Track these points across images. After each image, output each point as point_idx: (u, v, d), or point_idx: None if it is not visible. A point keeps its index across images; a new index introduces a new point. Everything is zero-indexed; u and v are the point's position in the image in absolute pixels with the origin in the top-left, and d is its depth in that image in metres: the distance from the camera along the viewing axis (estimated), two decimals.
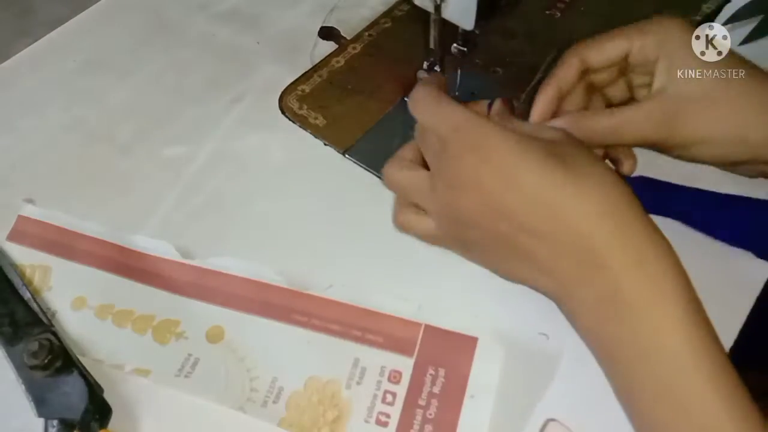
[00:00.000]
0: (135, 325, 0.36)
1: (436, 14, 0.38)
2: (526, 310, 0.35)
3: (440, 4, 0.37)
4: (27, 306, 0.35)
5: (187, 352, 0.35)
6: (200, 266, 0.37)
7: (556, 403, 0.33)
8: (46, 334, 0.34)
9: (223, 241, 0.39)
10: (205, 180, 0.42)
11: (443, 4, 0.37)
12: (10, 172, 0.43)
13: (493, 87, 0.47)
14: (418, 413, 0.33)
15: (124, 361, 0.34)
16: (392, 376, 0.34)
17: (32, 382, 0.32)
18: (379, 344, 0.35)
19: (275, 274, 0.37)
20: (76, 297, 0.37)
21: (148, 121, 0.45)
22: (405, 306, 0.36)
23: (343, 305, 0.36)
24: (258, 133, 0.44)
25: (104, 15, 0.52)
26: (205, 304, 0.36)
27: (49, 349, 0.33)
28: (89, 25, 0.51)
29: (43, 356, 0.32)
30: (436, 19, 0.38)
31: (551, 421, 0.32)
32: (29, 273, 0.37)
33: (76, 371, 0.33)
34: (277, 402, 0.33)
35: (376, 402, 0.33)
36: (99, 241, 0.39)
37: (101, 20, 0.51)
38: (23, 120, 0.45)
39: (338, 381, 0.34)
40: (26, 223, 0.39)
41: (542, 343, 0.35)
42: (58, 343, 0.33)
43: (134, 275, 0.37)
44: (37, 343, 0.33)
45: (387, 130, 0.44)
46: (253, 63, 0.48)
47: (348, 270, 0.38)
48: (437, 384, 0.34)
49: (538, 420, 0.33)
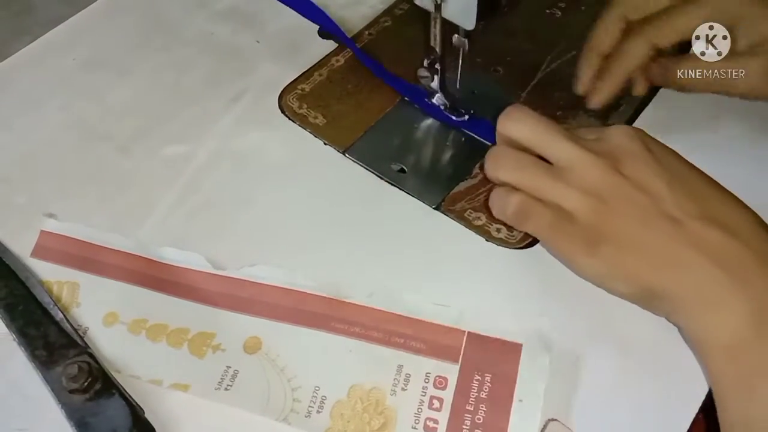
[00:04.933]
0: (170, 339, 0.35)
1: (436, 13, 0.38)
2: (568, 315, 0.35)
3: (440, 4, 0.37)
4: (60, 327, 0.34)
5: (225, 365, 0.34)
6: (233, 276, 0.37)
7: (556, 403, 0.33)
8: (83, 356, 0.33)
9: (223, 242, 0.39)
10: (204, 179, 0.42)
11: (443, 3, 0.37)
12: (9, 170, 0.42)
13: (494, 86, 0.47)
14: (467, 418, 0.32)
15: (162, 376, 0.34)
16: (438, 381, 0.34)
17: (72, 406, 0.32)
18: (422, 351, 0.35)
19: (311, 283, 0.37)
20: (108, 313, 0.36)
21: (147, 120, 0.45)
22: (446, 313, 0.35)
23: (383, 313, 0.36)
24: (257, 132, 0.44)
25: (104, 14, 0.52)
26: (239, 315, 0.36)
27: (88, 372, 0.32)
28: (89, 23, 0.51)
29: (82, 380, 0.32)
30: (436, 17, 0.38)
31: (552, 421, 0.32)
32: (57, 290, 0.36)
33: (117, 393, 0.32)
34: (321, 412, 0.33)
35: (422, 408, 0.33)
36: (126, 254, 0.38)
37: (101, 19, 0.51)
38: (22, 119, 0.45)
39: (382, 388, 0.33)
40: (49, 239, 0.38)
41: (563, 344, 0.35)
42: (96, 365, 0.33)
43: (165, 288, 0.37)
44: (76, 367, 0.32)
45: (387, 129, 0.44)
46: (252, 62, 0.48)
47: (377, 277, 0.37)
48: (484, 389, 0.33)
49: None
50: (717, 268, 0.30)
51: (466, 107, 0.44)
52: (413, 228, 0.40)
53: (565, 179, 0.33)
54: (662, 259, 0.31)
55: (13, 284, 0.36)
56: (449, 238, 0.39)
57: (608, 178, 0.32)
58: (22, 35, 0.49)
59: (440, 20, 0.38)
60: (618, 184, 0.32)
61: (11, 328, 0.34)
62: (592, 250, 0.33)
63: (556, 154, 0.34)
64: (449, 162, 0.43)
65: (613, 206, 0.32)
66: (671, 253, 0.31)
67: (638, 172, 0.32)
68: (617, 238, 0.32)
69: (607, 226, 0.32)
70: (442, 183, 0.42)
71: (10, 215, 0.40)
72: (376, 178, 0.42)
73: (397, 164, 0.42)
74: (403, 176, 0.42)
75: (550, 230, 0.34)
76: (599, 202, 0.32)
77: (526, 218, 0.34)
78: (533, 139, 0.34)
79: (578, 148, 0.33)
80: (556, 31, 0.50)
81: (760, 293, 0.29)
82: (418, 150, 0.44)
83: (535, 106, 0.44)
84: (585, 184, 0.33)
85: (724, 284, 0.30)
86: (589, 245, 0.33)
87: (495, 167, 0.35)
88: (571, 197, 0.33)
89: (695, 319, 0.31)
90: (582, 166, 0.33)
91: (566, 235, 0.33)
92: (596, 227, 0.33)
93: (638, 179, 0.32)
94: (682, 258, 0.31)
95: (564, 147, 0.33)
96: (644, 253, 0.32)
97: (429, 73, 0.42)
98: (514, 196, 0.34)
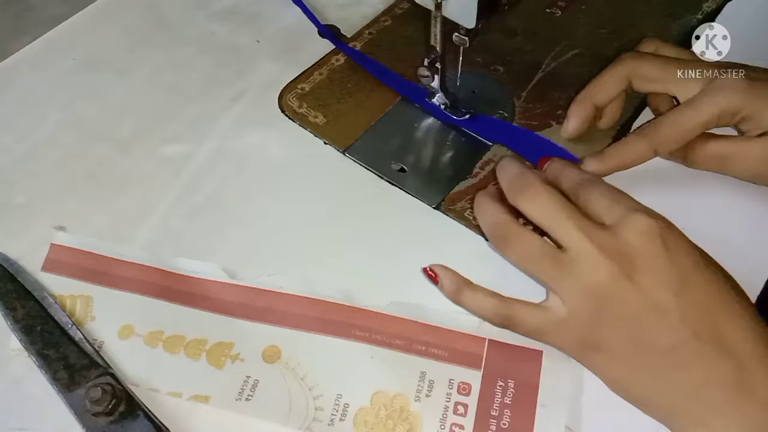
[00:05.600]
0: (188, 351, 0.35)
1: (437, 12, 0.38)
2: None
3: (441, 2, 0.37)
4: (79, 347, 0.34)
5: (245, 375, 0.34)
6: (249, 285, 0.37)
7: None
8: (105, 377, 0.32)
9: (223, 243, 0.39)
10: (204, 178, 0.42)
11: (444, 2, 0.37)
12: (9, 170, 0.42)
13: (494, 85, 0.47)
14: (492, 424, 0.32)
15: (181, 388, 0.33)
16: (461, 388, 0.34)
17: (97, 428, 0.31)
18: (444, 358, 0.34)
19: (330, 290, 0.36)
20: (123, 326, 0.35)
21: (147, 120, 0.45)
22: (465, 320, 0.35)
23: (403, 320, 0.35)
24: (257, 131, 0.44)
25: (103, 13, 0.52)
26: (257, 324, 0.36)
27: (111, 394, 0.31)
28: (88, 23, 0.51)
29: (106, 402, 0.31)
30: (437, 16, 0.38)
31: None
32: (70, 304, 0.36)
33: (142, 414, 0.32)
34: (344, 419, 0.32)
35: (447, 414, 0.33)
36: (139, 266, 0.37)
37: (100, 18, 0.51)
38: (22, 118, 0.45)
39: (406, 395, 0.33)
40: (60, 252, 0.38)
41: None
42: (119, 386, 0.32)
43: (180, 299, 0.36)
44: (100, 390, 0.31)
45: (387, 128, 0.44)
46: (252, 61, 0.48)
47: (378, 277, 0.37)
48: (508, 395, 0.33)
49: None
50: (711, 388, 0.29)
51: (466, 106, 0.44)
52: (413, 228, 0.40)
53: (568, 269, 0.31)
54: (655, 376, 0.30)
55: (30, 305, 0.35)
56: (449, 237, 0.39)
57: (615, 284, 0.30)
58: (21, 35, 0.49)
59: (441, 19, 0.38)
60: (623, 291, 0.30)
61: (30, 350, 0.34)
62: (584, 353, 0.32)
63: (565, 240, 0.32)
64: (449, 161, 0.43)
65: (612, 314, 0.31)
66: (666, 371, 0.30)
67: (648, 280, 0.30)
68: (610, 348, 0.31)
69: (602, 334, 0.31)
70: (442, 182, 0.42)
71: (10, 215, 0.40)
72: (376, 177, 0.42)
73: (397, 164, 0.42)
74: (403, 176, 0.42)
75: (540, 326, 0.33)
76: (599, 307, 0.31)
77: (507, 248, 0.34)
78: (543, 222, 0.33)
79: (588, 242, 0.31)
80: (556, 30, 0.50)
81: (752, 415, 0.29)
82: (418, 149, 0.44)
83: (535, 106, 0.45)
84: (589, 284, 0.31)
85: (717, 404, 0.29)
86: (581, 347, 0.32)
87: (520, 199, 0.34)
88: (572, 293, 0.31)
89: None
90: (590, 263, 0.31)
91: (556, 328, 0.32)
92: (590, 332, 0.31)
93: (647, 287, 0.30)
94: (677, 378, 0.30)
95: (573, 236, 0.31)
96: (637, 368, 0.31)
97: (429, 73, 0.42)
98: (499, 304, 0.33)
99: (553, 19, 0.51)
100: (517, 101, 0.46)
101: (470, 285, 0.34)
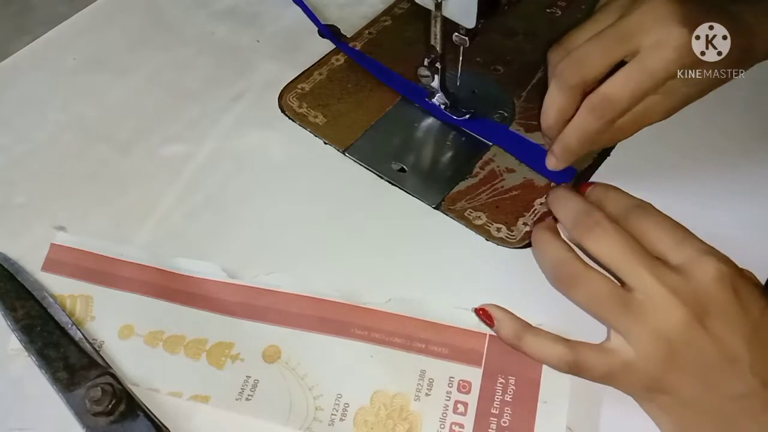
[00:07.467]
0: (188, 351, 0.35)
1: (437, 11, 0.38)
2: (568, 315, 0.35)
3: (441, 2, 0.37)
4: (79, 347, 0.34)
5: (245, 374, 0.34)
6: (248, 285, 0.37)
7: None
8: (105, 377, 0.32)
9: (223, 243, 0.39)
10: (204, 178, 0.42)
11: (444, 2, 0.37)
12: (9, 170, 0.42)
13: (494, 85, 0.47)
14: (493, 422, 0.32)
15: (181, 388, 0.33)
16: (461, 386, 0.34)
17: (97, 428, 0.31)
18: (444, 355, 0.34)
19: (329, 289, 0.36)
20: (123, 325, 0.36)
21: (147, 120, 0.45)
22: (465, 316, 0.35)
23: (403, 318, 0.35)
24: (257, 131, 0.44)
25: (103, 13, 0.52)
26: (257, 324, 0.36)
27: (111, 394, 0.31)
28: (88, 23, 0.51)
29: (106, 402, 0.31)
30: (437, 16, 0.38)
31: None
32: (70, 304, 0.36)
33: (142, 414, 0.32)
34: (345, 419, 0.33)
35: (447, 412, 0.33)
36: (139, 266, 0.37)
37: (100, 18, 0.51)
38: (21, 118, 0.45)
39: (406, 394, 0.33)
40: (60, 252, 0.38)
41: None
42: (119, 386, 0.32)
43: (180, 299, 0.36)
44: (100, 390, 0.31)
45: (387, 128, 0.44)
46: (252, 61, 0.48)
47: (377, 278, 0.37)
48: (509, 392, 0.33)
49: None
50: None
51: (466, 106, 0.44)
52: (413, 227, 0.40)
53: (637, 312, 0.30)
54: (724, 423, 0.30)
55: (29, 304, 0.35)
56: (449, 237, 0.39)
57: (689, 328, 0.30)
58: (22, 35, 0.49)
59: (441, 19, 0.38)
60: (696, 336, 0.30)
61: (30, 350, 0.34)
62: (650, 395, 0.32)
63: (636, 283, 0.31)
64: (449, 161, 0.43)
65: (684, 358, 0.30)
66: (734, 418, 0.30)
67: (721, 327, 0.30)
68: (679, 392, 0.30)
69: (672, 377, 0.30)
70: (442, 182, 0.42)
71: (10, 215, 0.40)
72: (376, 177, 0.42)
73: (397, 163, 0.42)
74: (403, 175, 0.42)
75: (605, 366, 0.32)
76: (671, 351, 0.30)
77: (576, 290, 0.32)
78: (612, 263, 0.32)
79: (661, 285, 0.30)
80: (556, 30, 0.50)
81: None
82: (418, 149, 0.44)
83: (535, 106, 0.45)
84: (661, 327, 0.30)
85: None
86: (648, 389, 0.31)
87: (587, 238, 0.33)
88: (641, 336, 0.30)
89: None
90: (663, 306, 0.30)
91: (624, 370, 0.31)
92: (659, 375, 0.31)
93: (720, 334, 0.30)
94: (745, 426, 0.30)
95: (646, 279, 0.30)
96: (705, 414, 0.30)
97: (429, 72, 0.42)
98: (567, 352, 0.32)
99: (553, 19, 0.51)
100: (517, 101, 0.46)
101: (532, 329, 0.33)
